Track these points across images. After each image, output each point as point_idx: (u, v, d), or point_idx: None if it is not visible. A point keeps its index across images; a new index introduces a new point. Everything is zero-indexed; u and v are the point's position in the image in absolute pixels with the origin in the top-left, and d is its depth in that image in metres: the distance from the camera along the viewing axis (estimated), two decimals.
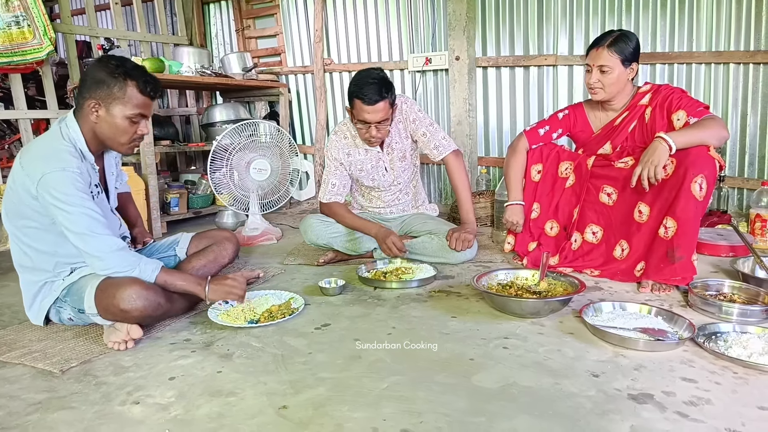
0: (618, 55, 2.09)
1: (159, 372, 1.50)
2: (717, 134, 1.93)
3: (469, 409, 1.25)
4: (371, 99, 2.21)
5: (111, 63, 1.68)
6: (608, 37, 2.12)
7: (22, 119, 3.76)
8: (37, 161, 1.64)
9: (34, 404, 1.36)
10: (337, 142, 2.52)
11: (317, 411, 1.27)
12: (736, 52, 2.85)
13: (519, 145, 2.38)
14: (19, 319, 1.96)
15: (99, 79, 1.67)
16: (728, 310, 1.73)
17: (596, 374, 1.39)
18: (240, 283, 1.86)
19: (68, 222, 1.60)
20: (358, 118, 2.29)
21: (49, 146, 1.68)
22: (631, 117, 2.18)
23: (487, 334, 1.68)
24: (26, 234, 1.73)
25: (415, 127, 2.49)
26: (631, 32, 2.15)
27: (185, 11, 4.80)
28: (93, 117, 1.69)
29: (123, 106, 1.68)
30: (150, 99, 1.73)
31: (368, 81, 2.21)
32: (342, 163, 2.51)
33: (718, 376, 1.37)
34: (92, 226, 1.62)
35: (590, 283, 2.11)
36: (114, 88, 1.66)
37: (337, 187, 2.52)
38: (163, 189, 3.63)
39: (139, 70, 1.71)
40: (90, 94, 1.68)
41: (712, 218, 2.82)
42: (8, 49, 3.45)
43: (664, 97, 2.10)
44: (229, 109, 4.04)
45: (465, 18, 3.46)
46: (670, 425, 1.16)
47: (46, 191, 1.59)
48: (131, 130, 1.73)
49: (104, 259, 1.64)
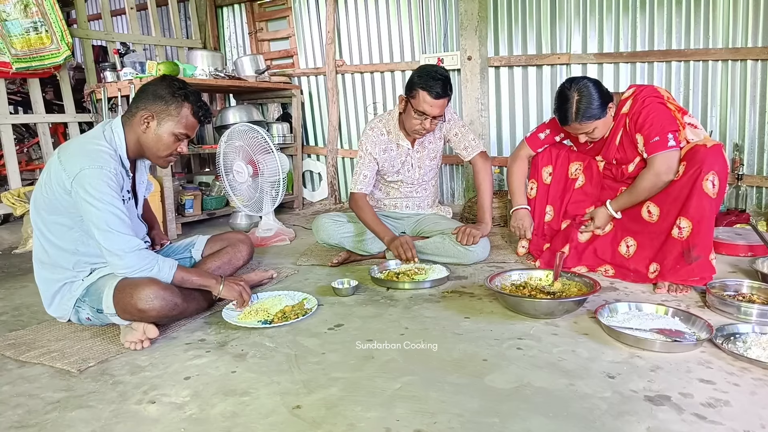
0: (592, 120, 2.01)
1: (174, 371, 1.52)
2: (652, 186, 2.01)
3: (483, 410, 1.24)
4: (438, 93, 2.28)
5: (174, 83, 1.82)
6: (569, 109, 1.99)
7: (41, 123, 3.83)
8: (76, 157, 1.70)
9: (53, 403, 1.38)
10: (373, 137, 2.56)
11: (330, 411, 1.27)
12: (754, 49, 2.80)
13: (520, 153, 2.42)
14: (37, 320, 1.99)
15: (159, 95, 1.78)
16: (747, 310, 1.70)
17: (612, 375, 1.38)
18: (248, 292, 1.92)
19: (95, 218, 1.65)
20: (417, 108, 2.34)
21: (90, 145, 1.74)
22: (617, 128, 2.13)
23: (501, 334, 1.67)
24: (51, 230, 1.78)
25: (450, 127, 2.58)
26: (582, 84, 1.98)
27: (199, 15, 4.85)
28: (143, 127, 1.79)
29: (174, 124, 1.79)
30: (199, 123, 1.86)
31: (436, 76, 2.29)
32: (375, 158, 2.57)
33: (736, 377, 1.34)
34: (117, 225, 1.67)
35: (605, 284, 2.09)
36: (171, 106, 1.78)
37: (368, 179, 2.58)
38: (178, 191, 3.67)
39: (196, 96, 1.84)
40: (146, 106, 1.78)
41: (731, 217, 2.78)
42: (27, 54, 3.52)
43: (636, 112, 2.03)
44: (242, 112, 4.07)
45: (477, 17, 3.44)
46: (687, 427, 1.14)
47: (81, 186, 1.64)
48: (173, 147, 1.83)
49: (124, 257, 1.68)
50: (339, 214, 2.72)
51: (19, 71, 3.54)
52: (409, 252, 2.29)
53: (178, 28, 4.73)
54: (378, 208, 2.80)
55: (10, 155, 3.63)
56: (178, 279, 1.77)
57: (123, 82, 3.40)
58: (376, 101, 4.19)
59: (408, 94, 2.38)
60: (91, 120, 3.97)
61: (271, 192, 3.19)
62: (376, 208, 2.80)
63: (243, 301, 1.89)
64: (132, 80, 3.33)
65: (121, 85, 3.39)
